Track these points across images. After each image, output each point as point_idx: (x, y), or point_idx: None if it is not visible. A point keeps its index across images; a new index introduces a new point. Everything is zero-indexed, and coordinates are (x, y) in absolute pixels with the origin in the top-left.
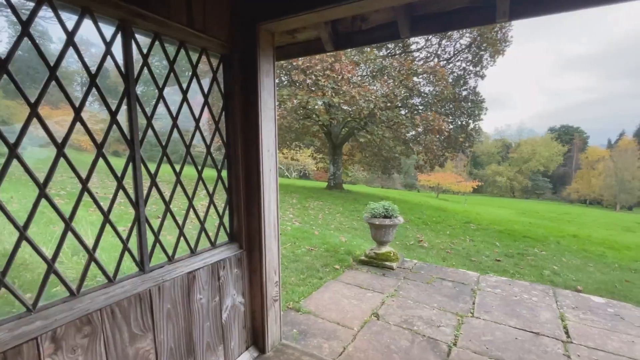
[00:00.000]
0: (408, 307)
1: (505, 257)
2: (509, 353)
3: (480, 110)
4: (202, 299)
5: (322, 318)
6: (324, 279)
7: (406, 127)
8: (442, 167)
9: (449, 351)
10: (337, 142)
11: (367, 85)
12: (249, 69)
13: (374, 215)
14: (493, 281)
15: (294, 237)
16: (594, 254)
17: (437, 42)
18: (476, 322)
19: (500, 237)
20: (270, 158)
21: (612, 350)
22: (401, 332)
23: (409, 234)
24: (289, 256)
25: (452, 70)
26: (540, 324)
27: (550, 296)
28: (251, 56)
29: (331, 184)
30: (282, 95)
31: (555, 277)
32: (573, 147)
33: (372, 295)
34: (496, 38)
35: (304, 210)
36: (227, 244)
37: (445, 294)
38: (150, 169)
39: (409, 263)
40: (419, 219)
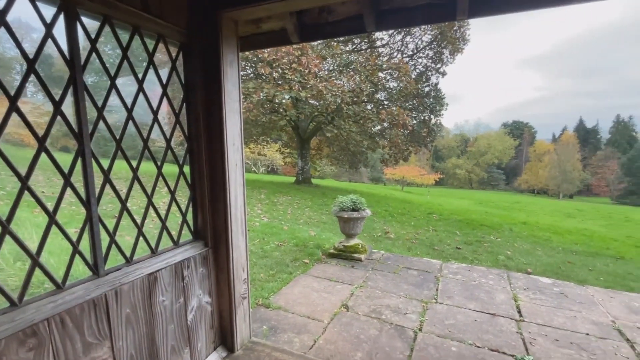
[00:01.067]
0: (376, 296)
1: (464, 244)
2: (469, 334)
3: (441, 106)
4: (165, 301)
5: (293, 313)
6: (294, 274)
7: (372, 122)
8: (407, 160)
9: (414, 337)
10: (305, 136)
11: (333, 79)
12: (211, 59)
13: (343, 208)
14: (454, 268)
15: (262, 233)
16: (541, 238)
17: (401, 38)
18: (440, 308)
19: (460, 226)
20: (236, 152)
21: (558, 326)
22: (370, 322)
23: (377, 226)
24: (257, 252)
25: (415, 67)
26: (496, 306)
27: (504, 279)
28: (213, 45)
29: (299, 178)
30: (247, 88)
31: (508, 261)
32: (523, 141)
33: (341, 287)
34: (455, 37)
35: (273, 206)
36: (192, 242)
37: (411, 282)
38: (105, 165)
39: (377, 254)
40: (386, 211)
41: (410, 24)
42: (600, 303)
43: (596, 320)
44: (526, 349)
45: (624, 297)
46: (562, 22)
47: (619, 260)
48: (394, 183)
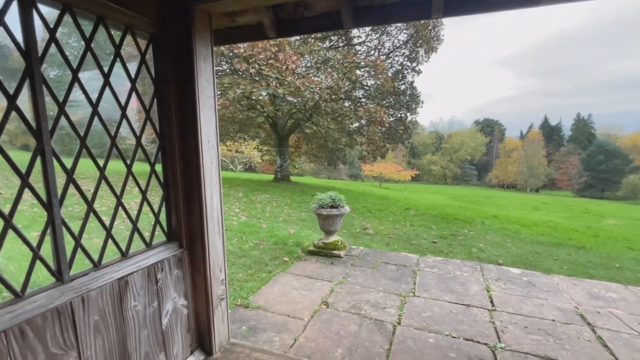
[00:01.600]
0: (356, 292)
1: (440, 238)
2: (445, 325)
3: (416, 104)
4: (137, 305)
5: (272, 312)
6: (273, 273)
7: (350, 119)
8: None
9: (393, 330)
10: (283, 133)
11: (311, 76)
12: (183, 53)
13: (322, 205)
14: (431, 261)
15: (240, 232)
16: (511, 231)
17: (377, 37)
18: (417, 301)
19: (436, 221)
20: (211, 149)
21: (527, 313)
22: (350, 318)
23: (355, 222)
24: (235, 252)
25: (392, 65)
26: (470, 297)
27: (477, 271)
28: (185, 39)
29: (278, 176)
30: (223, 84)
31: (481, 253)
32: (493, 138)
33: (321, 284)
34: (430, 36)
35: (251, 204)
36: (165, 243)
37: (389, 277)
38: (68, 164)
39: (356, 250)
40: (364, 208)
41: (387, 21)
42: (564, 290)
43: (561, 307)
44: (498, 337)
45: (585, 284)
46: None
47: (580, 250)
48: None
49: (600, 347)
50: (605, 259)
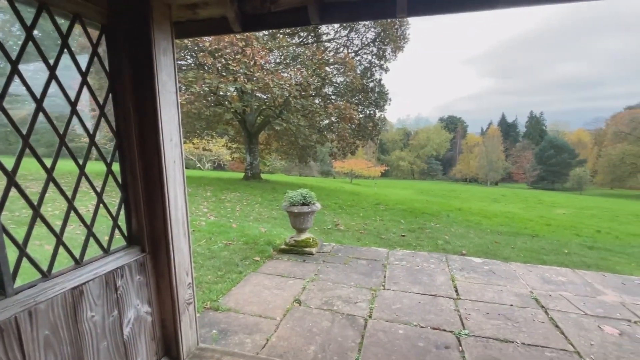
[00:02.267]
0: (328, 288)
1: (408, 232)
2: (414, 316)
3: (384, 101)
4: (94, 316)
5: (244, 313)
6: (244, 273)
7: (320, 116)
8: (354, 154)
9: (365, 324)
10: (253, 130)
11: (280, 72)
12: (141, 45)
13: (293, 203)
14: (400, 255)
15: (209, 233)
16: (473, 222)
17: (346, 34)
18: (387, 294)
19: (404, 215)
20: (174, 148)
21: (488, 300)
22: (322, 314)
23: (327, 218)
24: (204, 253)
25: (360, 62)
26: (437, 287)
27: (443, 262)
28: (143, 30)
29: (248, 174)
30: (187, 79)
31: (446, 245)
32: (457, 134)
33: (293, 282)
34: (397, 35)
35: (220, 203)
36: (126, 248)
37: (360, 271)
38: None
39: (328, 247)
40: (335, 204)
41: (354, 18)
42: (521, 276)
43: (518, 292)
44: (462, 324)
45: (539, 269)
46: (490, 28)
47: (534, 238)
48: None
49: (552, 328)
50: (555, 245)
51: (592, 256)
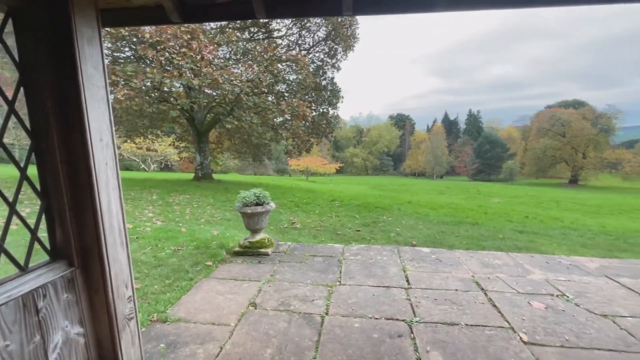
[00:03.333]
0: (284, 289)
1: (363, 226)
2: (369, 309)
3: (337, 99)
4: (9, 345)
5: (195, 322)
6: (195, 280)
7: (273, 113)
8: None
9: (322, 321)
10: (202, 129)
11: (230, 68)
12: (60, 33)
13: (246, 204)
14: (355, 250)
15: (155, 239)
16: (422, 214)
17: (298, 31)
18: (343, 289)
19: (359, 210)
20: (106, 148)
21: (436, 287)
22: (279, 315)
23: (283, 217)
24: (149, 262)
25: (313, 61)
26: (390, 278)
27: (395, 254)
28: (62, 16)
29: (199, 174)
30: (126, 72)
31: (398, 237)
32: (405, 131)
33: (248, 285)
34: (347, 34)
35: (168, 207)
36: (49, 264)
37: (317, 269)
38: None
39: (284, 246)
40: (291, 202)
41: (301, 14)
42: (463, 262)
43: (461, 277)
44: (414, 311)
45: (479, 255)
46: (434, 31)
47: (475, 226)
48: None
49: (491, 308)
50: (492, 232)
51: (522, 239)
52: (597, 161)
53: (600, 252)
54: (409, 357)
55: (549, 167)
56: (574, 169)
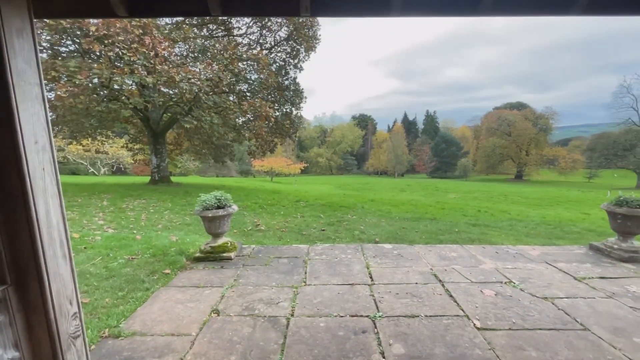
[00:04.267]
0: (248, 293)
1: (328, 226)
2: (334, 307)
3: (300, 99)
4: None
5: (152, 334)
6: (152, 289)
7: (234, 113)
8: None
9: (287, 323)
10: (159, 129)
11: (188, 66)
12: None
13: (206, 207)
14: (319, 249)
15: (106, 248)
16: (384, 211)
17: (259, 30)
18: (308, 289)
19: (324, 210)
20: (42, 152)
21: (398, 281)
22: (243, 321)
23: (247, 219)
24: (99, 273)
25: (275, 60)
26: (354, 276)
27: (359, 252)
28: None
29: (156, 177)
30: (68, 68)
31: (362, 235)
32: (368, 131)
33: (210, 291)
34: (309, 35)
35: (120, 213)
36: None
37: (282, 270)
38: None
39: (248, 249)
40: (256, 204)
41: (258, 13)
42: (423, 257)
43: (421, 271)
44: (377, 307)
45: (437, 249)
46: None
47: (433, 221)
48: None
49: (448, 298)
50: (449, 226)
51: (475, 232)
52: (538, 158)
53: (541, 240)
54: (373, 352)
55: (497, 164)
56: (519, 165)
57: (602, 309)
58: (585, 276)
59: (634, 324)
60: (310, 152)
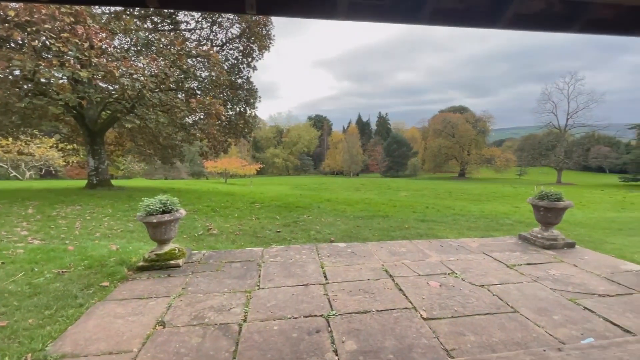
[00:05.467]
0: (198, 301)
1: (284, 227)
2: (289, 309)
3: (254, 99)
4: None
5: (86, 355)
6: (87, 305)
7: (182, 111)
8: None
9: (240, 329)
10: (96, 128)
11: (130, 60)
12: None
13: (150, 212)
14: (274, 251)
15: (30, 262)
16: (340, 210)
17: (209, 26)
18: (262, 293)
19: (280, 211)
20: None
21: (351, 279)
22: (192, 331)
23: (198, 224)
24: (21, 291)
25: (227, 58)
26: (308, 276)
27: (314, 251)
28: None
29: (93, 181)
30: None
31: (318, 235)
32: (323, 132)
33: (155, 302)
34: (262, 34)
35: (50, 221)
36: None
37: (234, 275)
38: None
39: (198, 255)
40: (208, 207)
41: (200, 7)
42: (375, 253)
43: (373, 267)
44: (331, 305)
45: (388, 245)
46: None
47: (386, 218)
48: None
49: (397, 292)
50: (400, 222)
51: (424, 227)
52: (478, 157)
53: (480, 232)
54: (327, 350)
55: (443, 163)
56: (462, 164)
57: (529, 292)
58: (515, 263)
59: (554, 303)
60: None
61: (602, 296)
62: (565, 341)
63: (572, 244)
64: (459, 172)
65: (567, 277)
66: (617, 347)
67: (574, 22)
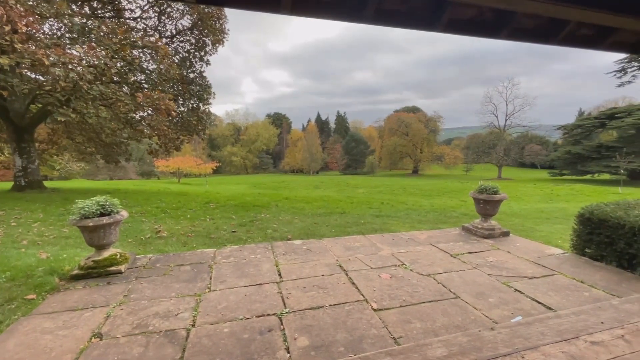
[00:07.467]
0: (142, 308)
1: (240, 226)
2: (240, 310)
3: (208, 95)
4: None
5: None
6: (7, 322)
7: (127, 105)
8: (179, 150)
9: (187, 335)
10: (24, 123)
11: (63, 48)
12: None
13: (85, 215)
14: (227, 252)
15: None
16: (298, 209)
17: (156, 16)
18: (213, 295)
19: (236, 210)
20: None
21: (305, 276)
22: (133, 341)
23: (145, 227)
24: None
25: (177, 51)
26: (262, 275)
27: (269, 250)
28: None
29: (21, 183)
30: None
31: (275, 233)
32: (283, 130)
33: (91, 313)
34: (215, 27)
35: None
36: None
37: (183, 279)
38: None
39: (143, 259)
40: (157, 208)
41: None
42: (330, 249)
43: (327, 263)
44: (284, 303)
45: (343, 240)
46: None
47: (343, 215)
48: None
49: (350, 286)
50: (356, 218)
51: (378, 222)
52: (429, 155)
53: (429, 225)
54: (278, 349)
55: (398, 161)
56: (415, 161)
57: (469, 278)
58: (458, 253)
59: (490, 287)
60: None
61: (530, 278)
62: (498, 321)
63: (507, 232)
64: (412, 169)
65: (502, 262)
66: (540, 322)
67: (501, 29)
